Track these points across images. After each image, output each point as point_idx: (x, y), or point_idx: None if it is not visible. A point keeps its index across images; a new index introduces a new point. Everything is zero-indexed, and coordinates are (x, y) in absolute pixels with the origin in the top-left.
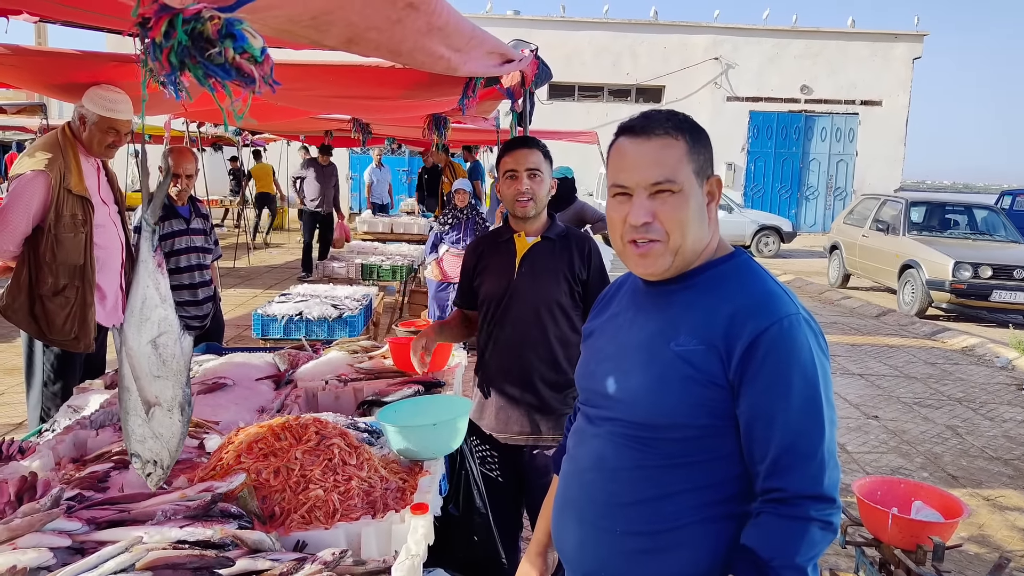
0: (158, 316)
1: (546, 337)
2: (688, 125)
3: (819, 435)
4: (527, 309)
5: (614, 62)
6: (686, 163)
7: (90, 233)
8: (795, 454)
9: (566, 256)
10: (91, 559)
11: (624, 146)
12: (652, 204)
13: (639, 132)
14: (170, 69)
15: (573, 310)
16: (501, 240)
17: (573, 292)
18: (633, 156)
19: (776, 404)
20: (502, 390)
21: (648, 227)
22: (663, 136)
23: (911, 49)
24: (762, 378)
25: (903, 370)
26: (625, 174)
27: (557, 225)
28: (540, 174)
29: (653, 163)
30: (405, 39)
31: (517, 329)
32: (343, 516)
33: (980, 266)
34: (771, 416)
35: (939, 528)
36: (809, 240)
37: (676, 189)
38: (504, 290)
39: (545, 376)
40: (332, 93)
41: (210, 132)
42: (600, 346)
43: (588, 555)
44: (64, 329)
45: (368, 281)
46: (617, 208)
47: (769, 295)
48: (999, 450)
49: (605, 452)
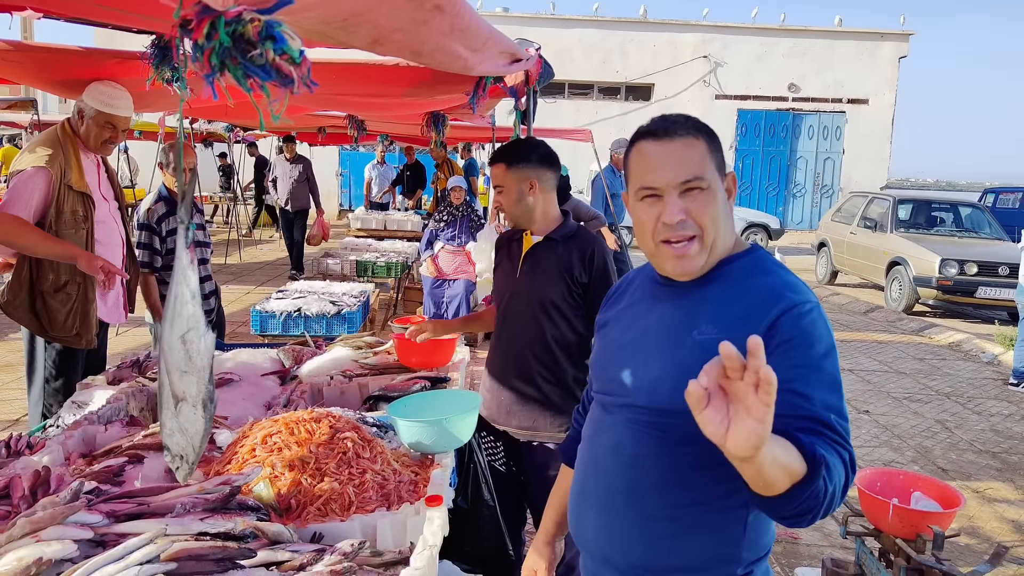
0: (187, 312)
1: (543, 337)
2: (703, 126)
3: (840, 399)
4: (525, 307)
5: (604, 60)
6: (708, 160)
7: (91, 229)
8: (824, 405)
9: (566, 257)
10: (117, 550)
11: (647, 149)
12: (683, 202)
13: (661, 135)
14: (211, 70)
15: (572, 311)
16: (514, 238)
17: (572, 293)
18: (658, 157)
19: (804, 370)
20: (505, 384)
21: (683, 224)
22: (685, 136)
23: (897, 48)
24: (786, 349)
25: (892, 366)
26: (653, 175)
27: (568, 225)
28: (501, 187)
29: (680, 162)
30: (428, 40)
31: (517, 326)
32: (358, 508)
33: (966, 263)
34: (798, 382)
35: (938, 518)
36: (796, 237)
37: (705, 186)
38: (508, 287)
39: (545, 373)
40: (335, 91)
41: (202, 128)
42: (615, 336)
43: (609, 541)
44: (65, 325)
45: (363, 278)
46: (647, 210)
47: (789, 285)
48: (987, 443)
49: (623, 439)
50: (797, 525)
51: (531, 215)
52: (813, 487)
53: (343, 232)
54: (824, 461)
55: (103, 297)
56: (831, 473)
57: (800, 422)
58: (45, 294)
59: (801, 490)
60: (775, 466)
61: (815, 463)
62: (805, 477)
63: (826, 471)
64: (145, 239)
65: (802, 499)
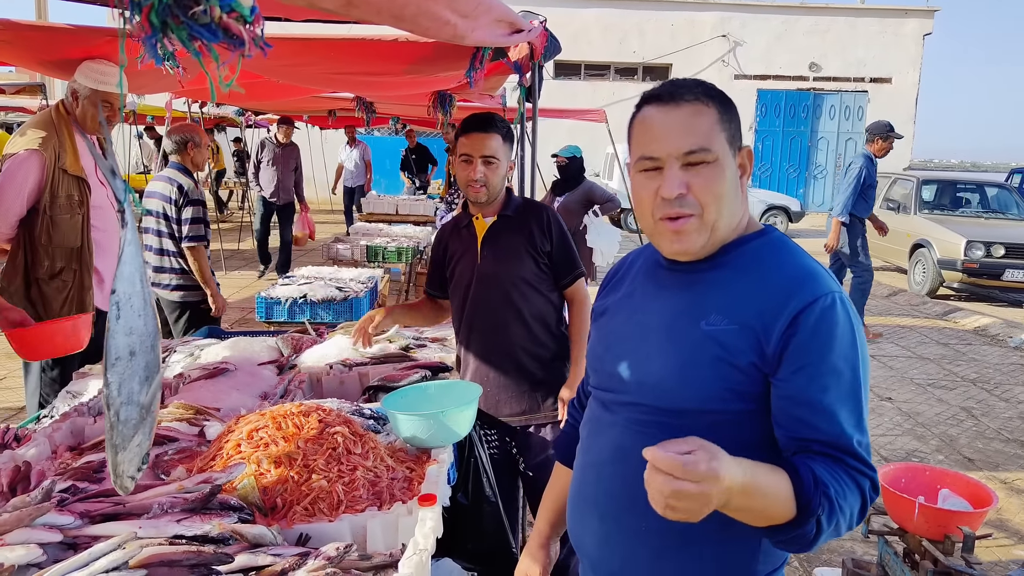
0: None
1: (521, 316)
2: (716, 92)
3: (860, 411)
4: (496, 292)
5: (621, 40)
6: (719, 131)
7: (87, 215)
8: (845, 424)
9: (526, 231)
10: (81, 556)
11: (651, 115)
12: (686, 175)
13: (667, 99)
14: (151, 31)
15: (542, 283)
16: (462, 226)
17: (539, 264)
18: (662, 124)
19: (824, 380)
20: (487, 375)
21: (682, 199)
22: (693, 102)
23: (921, 25)
24: (806, 354)
25: (916, 351)
26: (655, 144)
27: (514, 199)
28: (496, 160)
29: (685, 131)
30: (408, 2)
31: (491, 313)
32: (348, 508)
33: (993, 245)
34: (818, 392)
35: (968, 517)
36: (817, 220)
37: (711, 159)
38: (471, 275)
39: (530, 351)
40: (334, 70)
41: (213, 113)
42: (614, 327)
43: (612, 553)
44: (61, 313)
45: (374, 263)
46: (646, 184)
47: (808, 272)
48: (1015, 432)
49: (625, 442)
50: (788, 551)
51: (499, 194)
52: (801, 531)
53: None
54: (823, 505)
55: (100, 285)
56: (832, 511)
57: (817, 446)
58: (40, 281)
59: (786, 531)
60: (754, 515)
61: (808, 511)
62: (792, 521)
63: (825, 511)
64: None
65: (787, 537)
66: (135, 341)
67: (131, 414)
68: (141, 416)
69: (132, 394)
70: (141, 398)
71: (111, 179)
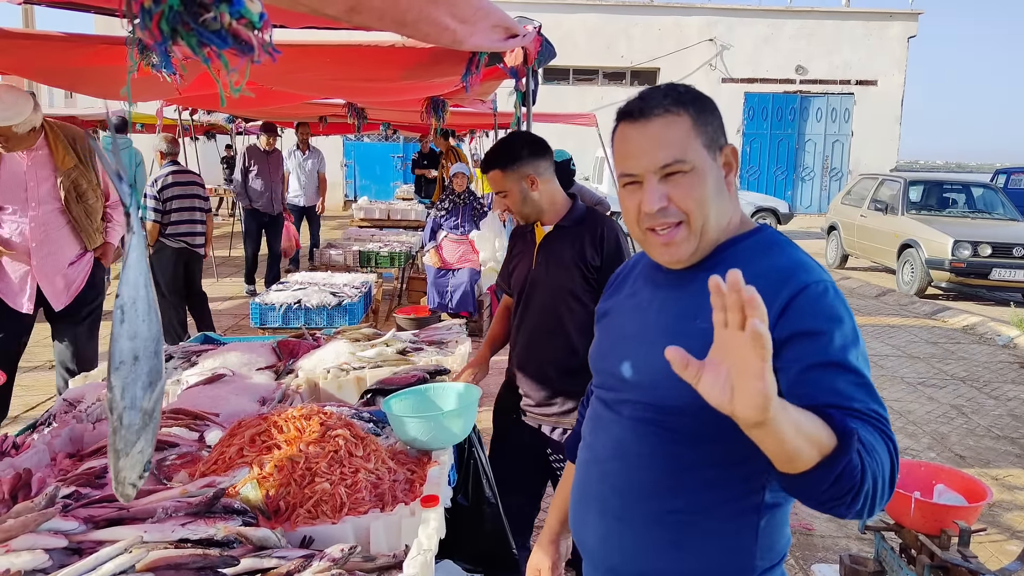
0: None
1: (563, 326)
2: (690, 96)
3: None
4: (545, 299)
5: (608, 44)
6: (693, 138)
7: None
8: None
9: (578, 244)
10: (88, 561)
11: (625, 132)
12: (665, 187)
13: (637, 115)
14: (161, 37)
15: (589, 296)
16: (528, 230)
17: (587, 279)
18: (636, 141)
19: (825, 356)
20: (524, 371)
21: (665, 211)
22: (663, 115)
23: (906, 28)
24: (803, 332)
25: (905, 350)
26: (631, 161)
27: (577, 208)
28: (504, 192)
29: (657, 145)
30: (410, 8)
31: (537, 317)
32: (351, 510)
33: (979, 244)
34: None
35: (964, 512)
36: (806, 221)
37: (687, 168)
38: (525, 279)
39: (561, 363)
40: (331, 76)
41: (203, 120)
42: (616, 326)
43: (612, 549)
44: None
45: (366, 268)
46: (629, 197)
47: (799, 263)
48: (1005, 429)
49: (625, 438)
50: (836, 511)
51: (540, 208)
52: (846, 462)
53: (347, 223)
54: (857, 434)
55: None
56: (870, 452)
57: (832, 410)
58: None
59: (832, 465)
60: (797, 435)
61: (846, 435)
62: (836, 449)
63: (862, 446)
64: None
65: (834, 476)
66: (139, 345)
67: (134, 419)
68: (144, 421)
69: (135, 399)
70: (144, 403)
71: (118, 184)
